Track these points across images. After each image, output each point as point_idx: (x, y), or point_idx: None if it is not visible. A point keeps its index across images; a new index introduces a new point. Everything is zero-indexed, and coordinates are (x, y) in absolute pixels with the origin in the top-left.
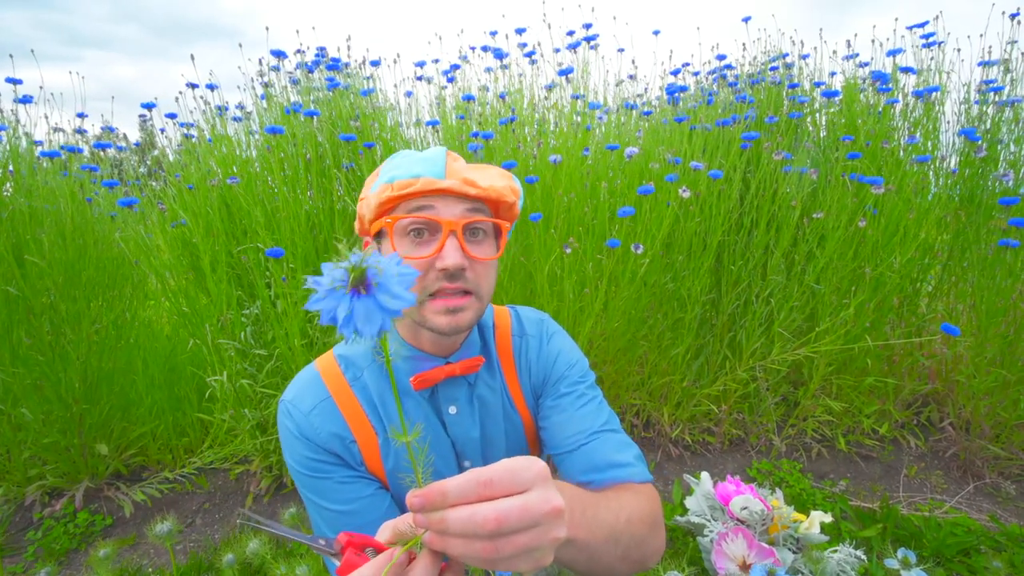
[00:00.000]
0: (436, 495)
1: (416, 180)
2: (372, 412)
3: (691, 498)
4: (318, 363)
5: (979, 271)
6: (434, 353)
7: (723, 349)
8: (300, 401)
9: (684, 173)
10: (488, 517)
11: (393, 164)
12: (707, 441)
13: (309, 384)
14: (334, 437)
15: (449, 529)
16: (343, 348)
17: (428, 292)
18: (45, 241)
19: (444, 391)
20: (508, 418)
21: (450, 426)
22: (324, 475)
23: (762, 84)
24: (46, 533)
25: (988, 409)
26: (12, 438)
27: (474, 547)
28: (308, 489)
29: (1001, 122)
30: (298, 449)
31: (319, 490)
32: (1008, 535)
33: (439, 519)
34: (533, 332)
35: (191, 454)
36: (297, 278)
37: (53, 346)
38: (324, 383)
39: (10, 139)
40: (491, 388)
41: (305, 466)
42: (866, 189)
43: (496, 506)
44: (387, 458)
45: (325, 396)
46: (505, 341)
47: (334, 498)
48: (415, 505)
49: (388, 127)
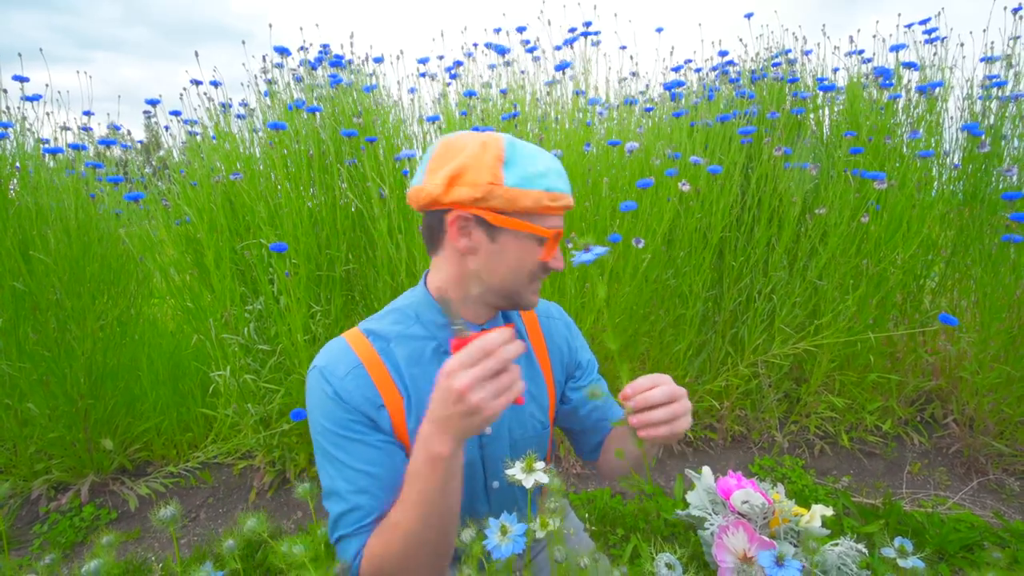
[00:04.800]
0: (640, 386)
1: (564, 196)
2: (399, 378)
3: (692, 493)
4: (346, 336)
5: (983, 267)
6: (472, 321)
7: (725, 345)
8: (334, 367)
9: (684, 168)
10: (675, 390)
11: (536, 169)
12: (709, 438)
13: (341, 352)
14: (367, 401)
15: (651, 399)
16: (369, 323)
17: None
18: (51, 238)
19: None
20: (534, 381)
21: None
22: (358, 436)
23: (764, 80)
24: (52, 527)
25: (992, 405)
26: (18, 433)
27: (664, 412)
28: (338, 448)
29: (1005, 117)
30: (333, 410)
31: (349, 449)
32: (1012, 531)
33: (644, 399)
34: (557, 315)
35: (195, 449)
36: (300, 274)
37: (59, 342)
38: (354, 352)
39: (16, 137)
40: (521, 360)
41: (340, 425)
42: (869, 185)
43: (672, 386)
44: (410, 419)
45: (357, 363)
46: (531, 316)
47: (363, 458)
48: (628, 393)
49: (391, 123)
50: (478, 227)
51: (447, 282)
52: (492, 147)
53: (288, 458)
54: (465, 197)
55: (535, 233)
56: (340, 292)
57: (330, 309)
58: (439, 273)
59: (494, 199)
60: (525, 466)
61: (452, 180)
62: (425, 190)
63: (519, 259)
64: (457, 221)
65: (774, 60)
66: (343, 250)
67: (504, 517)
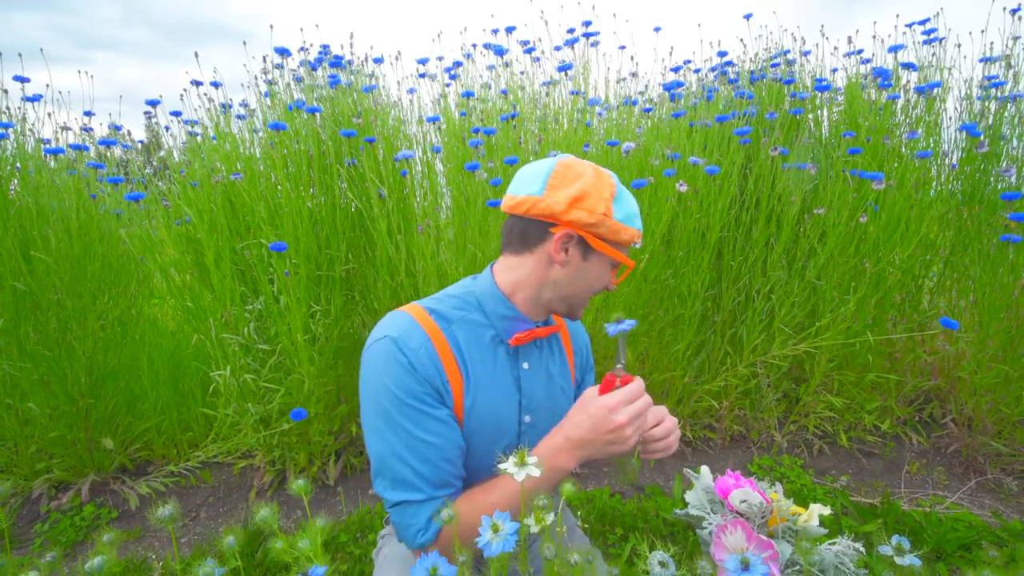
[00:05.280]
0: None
1: (641, 236)
2: (460, 359)
3: (691, 492)
4: (409, 312)
5: (981, 267)
6: (531, 318)
7: (724, 345)
8: (409, 339)
9: (683, 169)
10: (661, 410)
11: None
12: (708, 437)
13: (410, 326)
14: (437, 375)
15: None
16: (430, 303)
17: (595, 295)
18: (52, 238)
19: (523, 349)
20: (564, 377)
21: (523, 380)
22: (427, 407)
23: (763, 81)
24: (53, 526)
25: (990, 405)
26: (19, 432)
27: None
28: (404, 417)
29: (1003, 117)
30: (406, 380)
31: (416, 420)
32: (1009, 530)
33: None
34: (579, 322)
35: (195, 448)
36: (299, 273)
37: (60, 341)
38: (422, 328)
39: (17, 137)
40: (551, 354)
41: (411, 396)
42: (867, 185)
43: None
44: (467, 397)
45: (427, 338)
46: (559, 319)
47: (428, 429)
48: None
49: (390, 124)
50: (578, 246)
51: (522, 281)
52: (607, 182)
53: (288, 457)
54: (581, 220)
55: (622, 261)
56: (340, 292)
57: (330, 309)
58: (515, 272)
59: (602, 227)
60: (518, 459)
61: (573, 202)
62: (544, 203)
63: (597, 277)
64: (563, 237)
65: (773, 61)
66: (343, 250)
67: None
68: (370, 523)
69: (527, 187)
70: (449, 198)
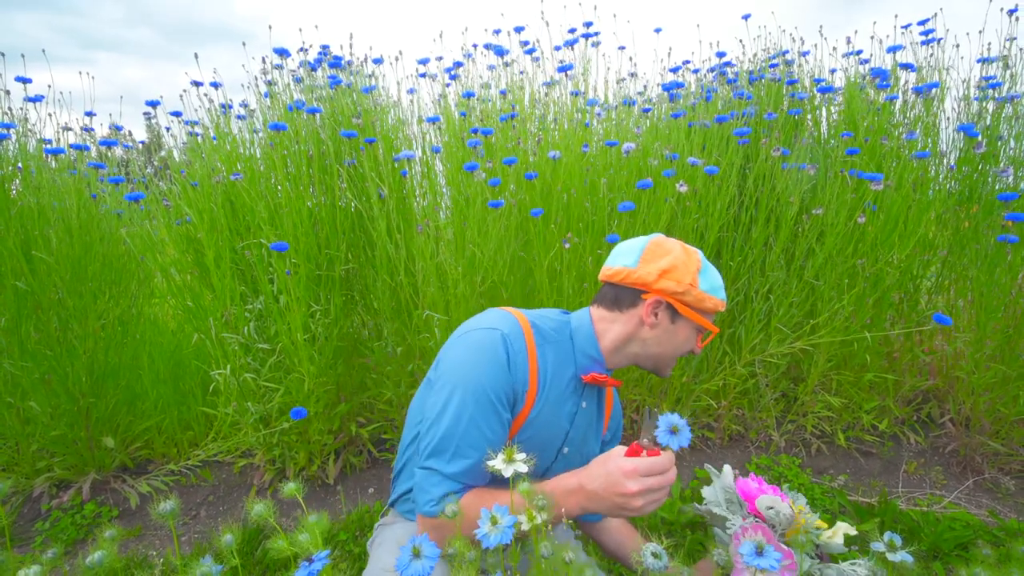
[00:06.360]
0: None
1: (725, 305)
2: (543, 375)
3: (708, 488)
4: (517, 318)
5: (979, 267)
6: (608, 366)
7: (722, 345)
8: (515, 340)
9: (682, 169)
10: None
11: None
12: (707, 437)
13: (516, 331)
14: (521, 382)
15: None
16: (533, 317)
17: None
18: (53, 237)
19: (588, 389)
20: (599, 430)
21: (577, 415)
22: (499, 407)
23: (762, 81)
24: (54, 524)
25: (988, 405)
26: (20, 431)
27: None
28: (479, 406)
29: (1001, 118)
30: (499, 376)
31: (487, 414)
32: (1007, 529)
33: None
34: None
35: (195, 447)
36: (299, 273)
37: (60, 341)
38: (524, 337)
39: (19, 137)
40: (599, 405)
41: (496, 392)
42: (865, 185)
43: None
44: (534, 409)
45: (525, 347)
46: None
47: (491, 427)
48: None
49: (390, 124)
50: (666, 311)
51: (614, 331)
52: (694, 257)
53: (288, 456)
54: (669, 288)
55: (707, 328)
56: (340, 292)
57: (329, 308)
58: (608, 322)
59: (688, 296)
60: (505, 456)
61: (663, 273)
62: (637, 274)
63: (684, 340)
64: (654, 302)
65: (772, 61)
66: (343, 250)
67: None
68: (369, 522)
69: (622, 260)
70: (448, 198)
